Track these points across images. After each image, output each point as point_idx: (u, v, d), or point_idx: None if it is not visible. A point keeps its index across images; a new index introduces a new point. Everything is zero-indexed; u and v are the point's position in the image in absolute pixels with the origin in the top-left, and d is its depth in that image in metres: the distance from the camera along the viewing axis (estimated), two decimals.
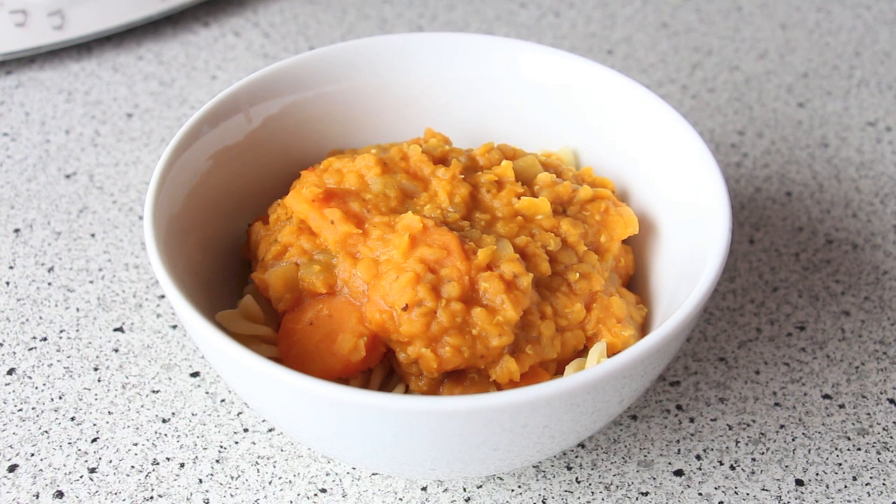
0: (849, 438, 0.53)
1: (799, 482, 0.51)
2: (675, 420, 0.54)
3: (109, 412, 0.53)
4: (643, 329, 0.51)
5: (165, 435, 0.52)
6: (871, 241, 0.65)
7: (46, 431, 0.52)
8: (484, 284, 0.46)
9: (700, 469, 0.51)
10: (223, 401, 0.54)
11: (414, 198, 0.50)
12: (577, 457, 0.52)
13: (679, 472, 0.51)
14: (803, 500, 0.50)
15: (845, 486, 0.51)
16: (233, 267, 0.54)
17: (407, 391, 0.48)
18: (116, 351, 0.57)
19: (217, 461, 0.51)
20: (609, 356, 0.48)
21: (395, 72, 0.59)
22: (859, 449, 0.53)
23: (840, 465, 0.52)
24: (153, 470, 0.51)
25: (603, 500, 0.50)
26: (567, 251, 0.50)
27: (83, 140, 0.72)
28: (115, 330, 0.58)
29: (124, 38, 0.82)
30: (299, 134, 0.58)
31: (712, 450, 0.52)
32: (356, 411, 0.40)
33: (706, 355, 0.57)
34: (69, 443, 0.52)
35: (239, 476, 0.51)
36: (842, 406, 0.55)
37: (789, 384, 0.56)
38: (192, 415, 0.53)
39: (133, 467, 0.51)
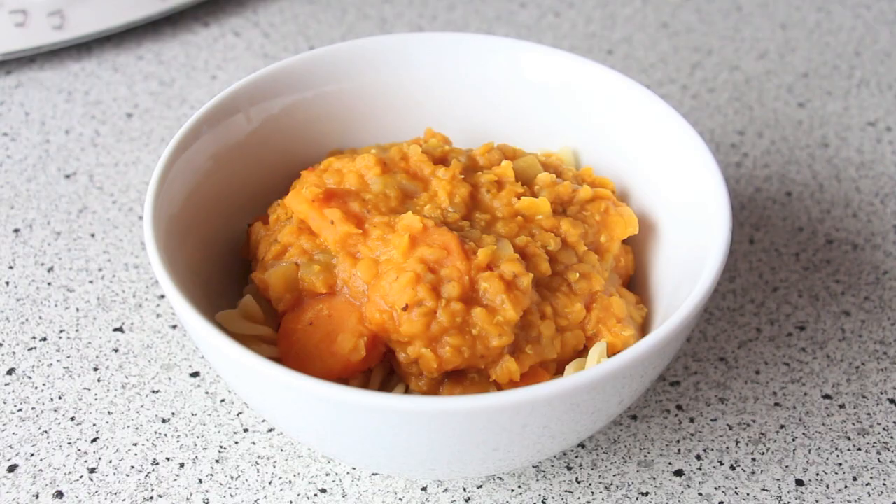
0: (849, 438, 0.53)
1: (799, 482, 0.51)
2: (675, 420, 0.54)
3: (109, 412, 0.53)
4: (643, 329, 0.51)
5: (165, 435, 0.52)
6: (871, 241, 0.65)
7: (46, 431, 0.52)
8: (484, 284, 0.46)
9: (700, 469, 0.51)
10: (223, 401, 0.54)
11: (414, 198, 0.50)
12: (577, 457, 0.52)
13: (679, 473, 0.51)
14: (803, 501, 0.50)
15: (845, 487, 0.51)
16: (233, 267, 0.54)
17: (407, 391, 0.48)
18: (116, 351, 0.57)
19: (217, 461, 0.51)
20: (609, 356, 0.48)
21: (395, 72, 0.59)
22: (859, 449, 0.53)
23: (840, 465, 0.52)
24: (153, 470, 0.51)
25: (603, 500, 0.50)
26: (567, 251, 0.50)
27: (83, 140, 0.71)
28: (115, 330, 0.58)
29: (124, 38, 0.82)
30: (299, 134, 0.58)
31: (712, 450, 0.52)
32: (356, 411, 0.40)
33: (706, 355, 0.57)
34: (69, 443, 0.52)
35: (239, 476, 0.50)
36: (842, 406, 0.55)
37: (789, 384, 0.56)
38: (192, 415, 0.53)
39: (133, 467, 0.51)
